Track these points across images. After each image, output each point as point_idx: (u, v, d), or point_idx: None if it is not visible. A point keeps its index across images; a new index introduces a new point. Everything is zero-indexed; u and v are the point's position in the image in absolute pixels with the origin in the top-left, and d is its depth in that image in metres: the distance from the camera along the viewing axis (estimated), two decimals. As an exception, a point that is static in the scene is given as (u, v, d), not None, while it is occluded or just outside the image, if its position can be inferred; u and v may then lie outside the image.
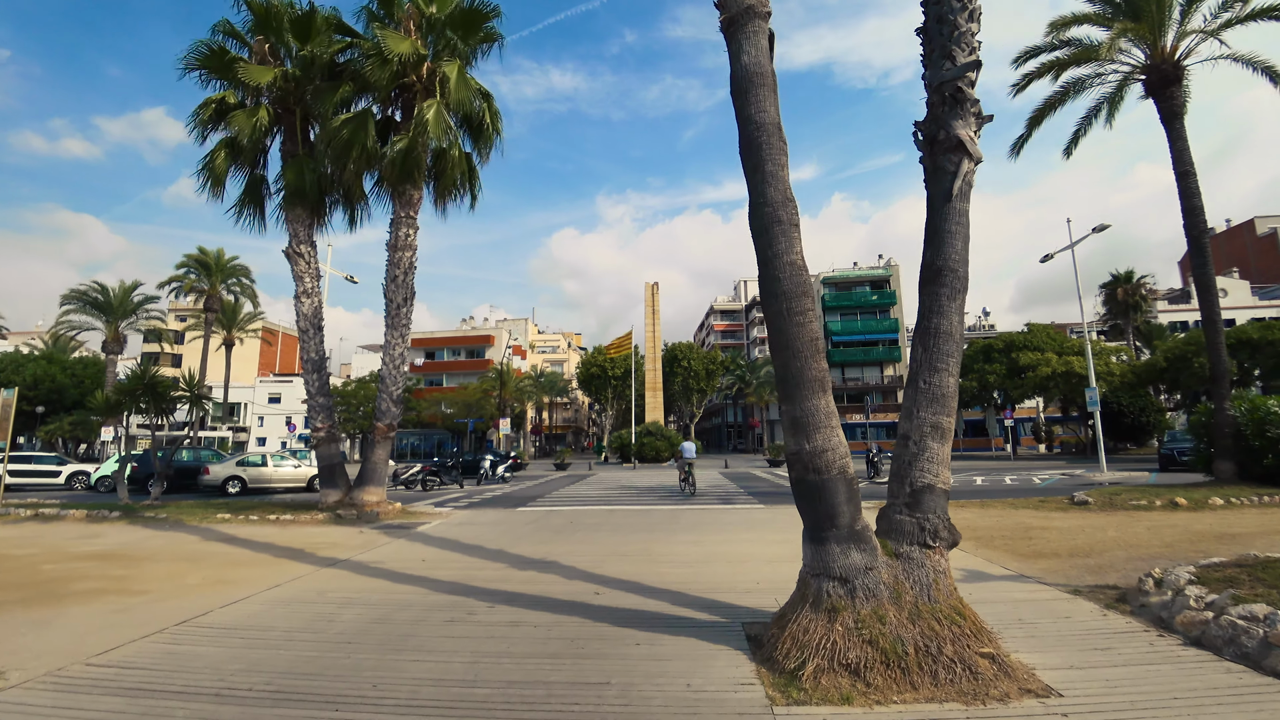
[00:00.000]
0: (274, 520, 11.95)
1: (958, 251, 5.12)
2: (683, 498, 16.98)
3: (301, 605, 6.07)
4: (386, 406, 12.98)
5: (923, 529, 4.66)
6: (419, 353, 71.80)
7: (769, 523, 11.08)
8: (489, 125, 13.99)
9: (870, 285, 65.12)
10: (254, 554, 8.84)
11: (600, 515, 12.45)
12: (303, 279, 13.40)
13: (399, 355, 13.09)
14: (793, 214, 4.84)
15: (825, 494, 4.50)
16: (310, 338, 13.31)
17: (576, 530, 10.52)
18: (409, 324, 13.34)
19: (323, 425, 13.07)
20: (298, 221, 13.57)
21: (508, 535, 10.13)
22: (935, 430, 4.84)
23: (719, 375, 61.51)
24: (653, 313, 47.09)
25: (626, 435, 43.04)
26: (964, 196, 5.30)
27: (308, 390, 13.21)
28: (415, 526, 11.18)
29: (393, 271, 13.20)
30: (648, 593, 6.30)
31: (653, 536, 9.71)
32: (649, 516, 12.20)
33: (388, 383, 13.01)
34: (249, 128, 12.73)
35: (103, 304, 43.93)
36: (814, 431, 4.53)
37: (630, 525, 10.97)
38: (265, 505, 13.75)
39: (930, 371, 4.93)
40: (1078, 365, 37.07)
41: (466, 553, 8.67)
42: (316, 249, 13.94)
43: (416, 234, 13.56)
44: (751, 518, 11.86)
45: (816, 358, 4.62)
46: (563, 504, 16.07)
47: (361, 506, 12.39)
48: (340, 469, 13.12)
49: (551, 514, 12.82)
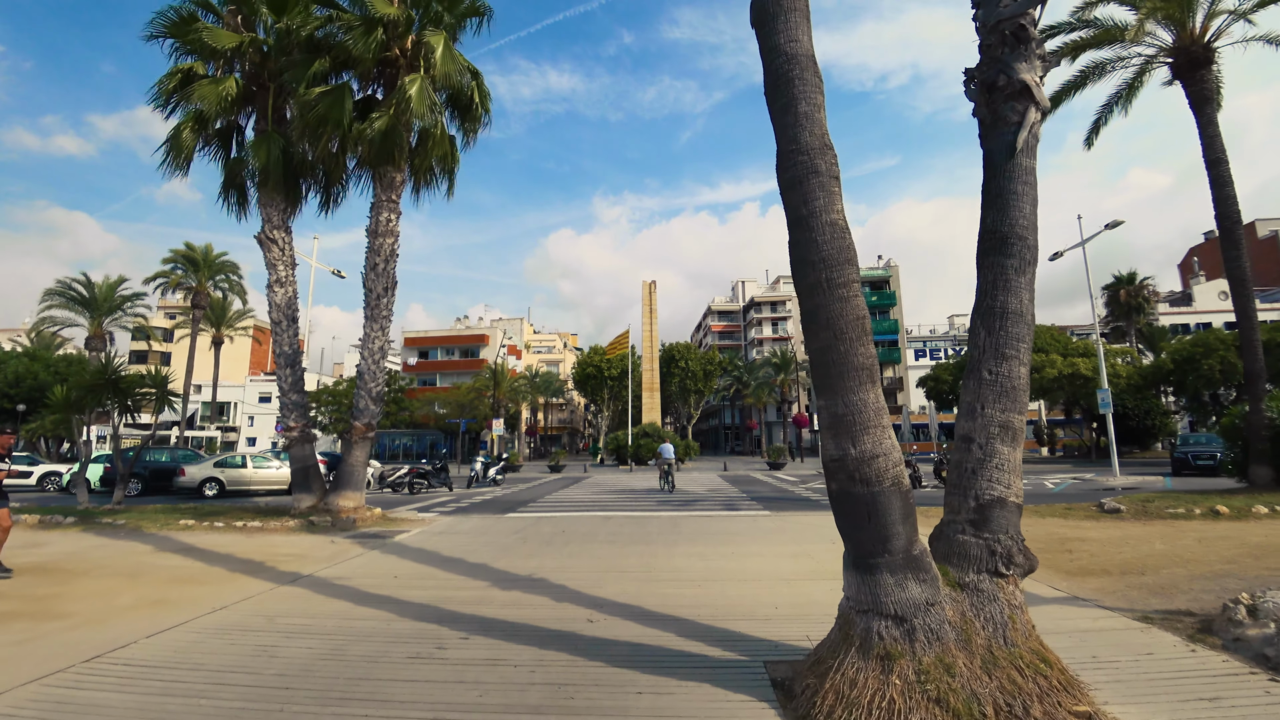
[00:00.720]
0: (240, 528, 11.00)
1: (1026, 215, 4.25)
2: (682, 502, 16.09)
3: (242, 635, 5.15)
4: (365, 404, 12.04)
5: (993, 553, 3.78)
6: (412, 352, 70.75)
7: (778, 532, 10.18)
8: (477, 104, 13.09)
9: (870, 286, 64.40)
10: (207, 567, 7.90)
11: (594, 523, 11.54)
12: (276, 267, 12.46)
13: (379, 349, 12.15)
14: (832, 164, 3.95)
15: (876, 510, 3.60)
16: (283, 330, 12.36)
17: (568, 540, 9.60)
18: (390, 315, 12.41)
19: (296, 424, 12.12)
20: (270, 205, 12.64)
21: (493, 546, 9.21)
22: (1005, 431, 3.96)
23: (716, 376, 60.67)
24: (650, 312, 46.17)
25: (623, 436, 42.14)
26: (1030, 151, 4.44)
27: (280, 386, 12.27)
28: (393, 535, 10.24)
29: (372, 259, 12.27)
30: (649, 620, 5.39)
31: (652, 548, 8.80)
32: (647, 524, 11.29)
33: (366, 379, 12.07)
34: (215, 99, 11.80)
35: (86, 299, 42.83)
36: (861, 432, 3.63)
37: (627, 534, 10.05)
38: (236, 510, 12.78)
39: (997, 359, 4.04)
40: (1083, 367, 36.35)
41: (445, 567, 7.74)
42: (291, 235, 13.02)
43: (399, 219, 12.64)
44: (758, 526, 10.95)
45: (863, 340, 3.73)
46: (555, 509, 15.13)
47: (337, 513, 11.44)
48: (315, 472, 12.17)
49: (542, 521, 11.89)
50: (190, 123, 12.11)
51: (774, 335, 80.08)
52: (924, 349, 63.84)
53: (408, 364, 69.79)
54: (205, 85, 11.84)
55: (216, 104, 11.96)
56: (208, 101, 11.86)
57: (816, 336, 3.77)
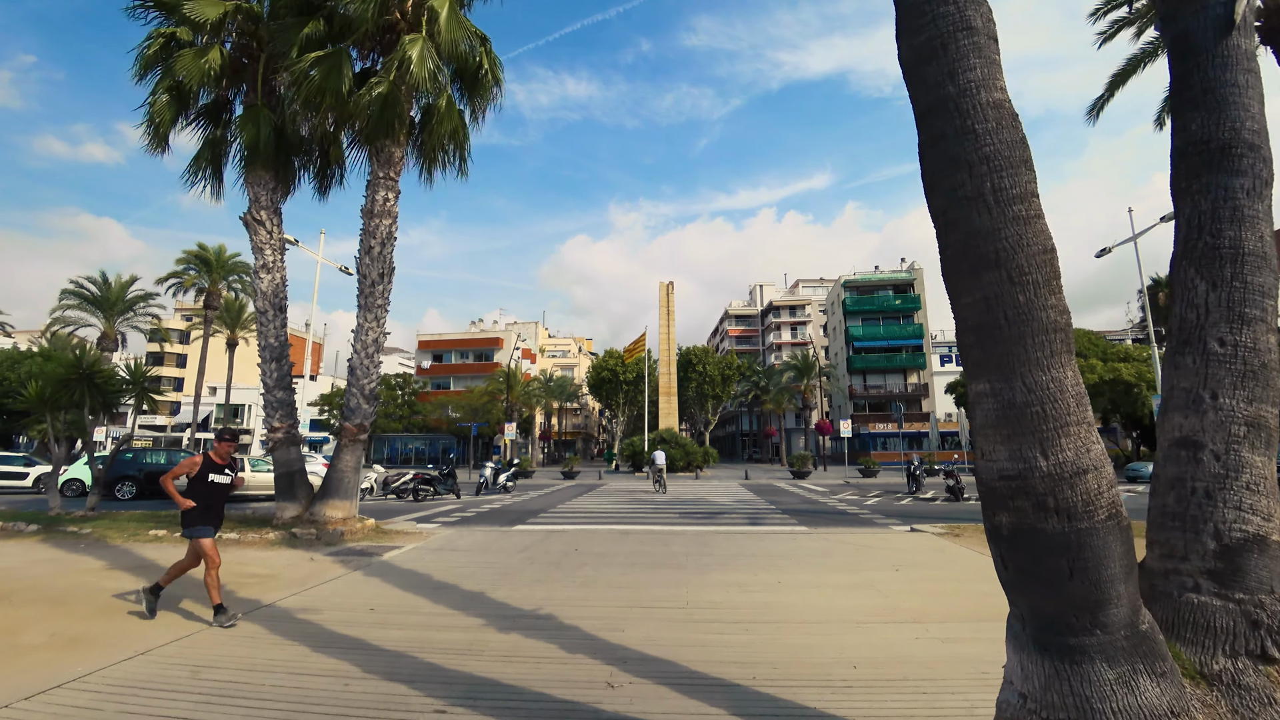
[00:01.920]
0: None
1: (1254, 116, 2.87)
2: (706, 515, 14.72)
3: (150, 699, 3.86)
4: (357, 403, 10.81)
5: (1255, 624, 2.38)
6: (426, 355, 70.04)
7: (825, 555, 8.74)
8: (486, 72, 11.87)
9: (893, 289, 62.58)
10: (155, 591, 6.65)
11: (611, 539, 10.18)
12: (262, 251, 11.31)
13: (372, 342, 10.92)
14: (989, 20, 2.58)
15: (1084, 558, 2.20)
16: (269, 320, 11.19)
17: (582, 562, 8.25)
18: (386, 305, 11.19)
19: (281, 425, 10.92)
20: (258, 184, 11.51)
21: (494, 567, 7.88)
22: (1255, 432, 2.57)
23: (735, 382, 59.07)
24: (667, 313, 44.80)
25: (639, 442, 40.74)
26: (1247, 30, 3.04)
27: (264, 383, 11.09)
28: (383, 552, 8.96)
29: (367, 242, 11.07)
30: (689, 685, 4.02)
31: (682, 574, 7.42)
32: (671, 542, 9.90)
33: (359, 375, 10.84)
34: (197, 71, 10.69)
35: (99, 299, 42.39)
36: (1057, 432, 2.24)
37: (649, 555, 8.67)
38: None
39: (1233, 323, 2.66)
40: (1125, 372, 34.44)
41: (434, 596, 6.42)
42: (280, 218, 11.86)
43: (397, 199, 11.44)
44: (799, 546, 9.52)
45: (1052, 285, 2.34)
46: (567, 521, 13.80)
47: (323, 524, 10.21)
48: (300, 478, 10.95)
49: (552, 536, 10.56)
50: (166, 92, 11.00)
51: (793, 340, 78.37)
52: (949, 354, 61.76)
53: (421, 367, 69.06)
54: (187, 55, 10.74)
55: (199, 76, 10.86)
56: (189, 73, 10.76)
57: (976, 280, 2.39)
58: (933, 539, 10.09)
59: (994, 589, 2.82)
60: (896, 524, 13.05)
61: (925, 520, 13.55)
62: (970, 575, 7.31)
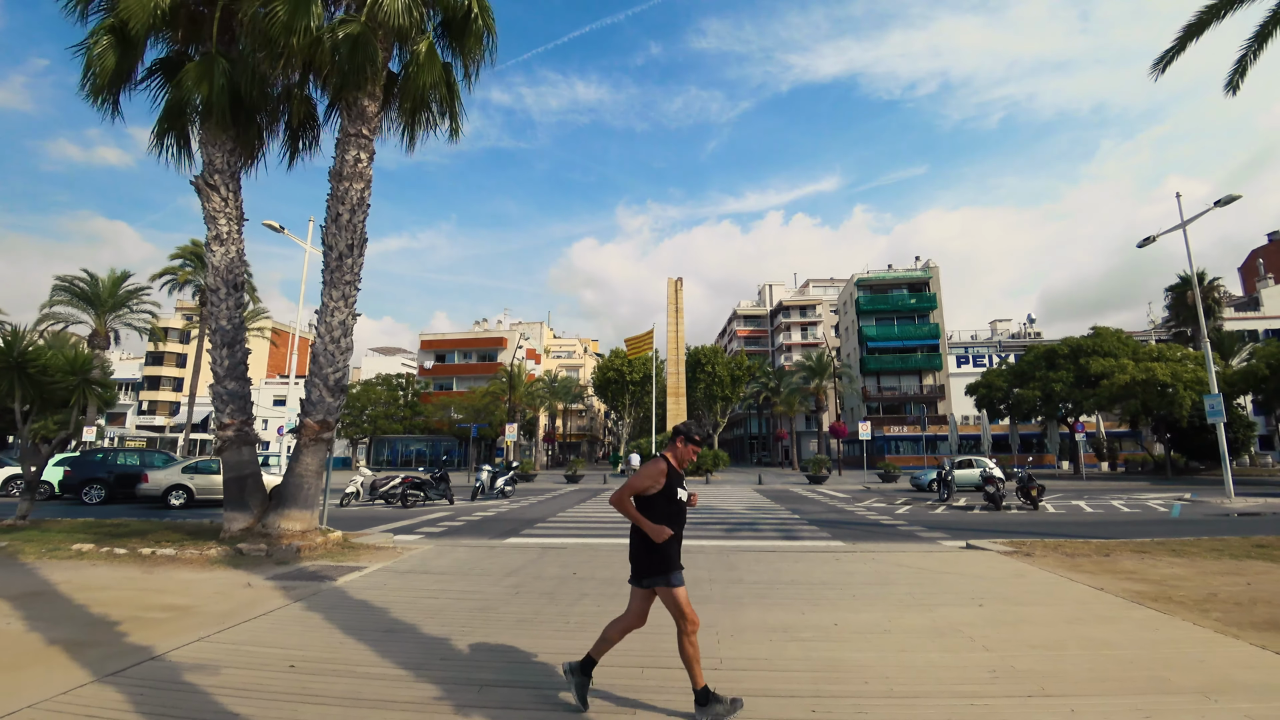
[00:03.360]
0: (148, 556, 8.24)
1: None
2: (727, 528, 13.11)
3: None
4: (319, 396, 9.22)
5: None
6: (429, 355, 68.63)
7: (881, 582, 7.09)
8: (476, 17, 10.28)
9: (908, 288, 60.72)
10: (25, 631, 5.10)
11: (618, 558, 8.55)
12: (216, 220, 9.77)
13: (339, 324, 9.33)
14: None
15: None
16: (221, 300, 9.64)
17: (582, 590, 6.63)
18: (356, 282, 9.61)
19: (232, 421, 9.35)
20: (213, 145, 9.98)
21: (471, 599, 6.27)
22: None
23: (745, 383, 57.32)
24: (676, 311, 43.12)
25: (645, 445, 39.09)
26: None
27: (214, 372, 9.54)
28: (340, 574, 7.38)
29: (334, 208, 9.51)
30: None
31: (709, 610, 5.80)
32: (690, 562, 8.17)
33: (322, 363, 9.26)
34: (141, 10, 9.18)
35: (90, 295, 41.13)
36: None
37: (666, 580, 7.04)
38: (162, 530, 10.07)
39: None
40: (1159, 372, 32.51)
41: (382, 645, 4.82)
42: (239, 185, 10.33)
43: (371, 160, 9.88)
44: (845, 570, 7.88)
45: None
46: (568, 532, 12.20)
47: (277, 538, 8.63)
48: (253, 483, 9.38)
49: (548, 553, 8.93)
50: (108, 34, 9.47)
51: (803, 341, 76.56)
52: (966, 355, 59.85)
53: (424, 367, 67.65)
54: (132, -8, 9.22)
55: (145, 17, 9.34)
56: (133, 12, 9.25)
57: None
58: (1002, 560, 8.42)
59: (1122, 636, 1.51)
60: (944, 538, 11.38)
61: (975, 533, 11.87)
62: (1080, 614, 5.66)
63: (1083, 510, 16.99)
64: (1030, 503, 17.07)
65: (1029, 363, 39.07)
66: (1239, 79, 13.80)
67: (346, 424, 55.69)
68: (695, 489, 17.56)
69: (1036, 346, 40.79)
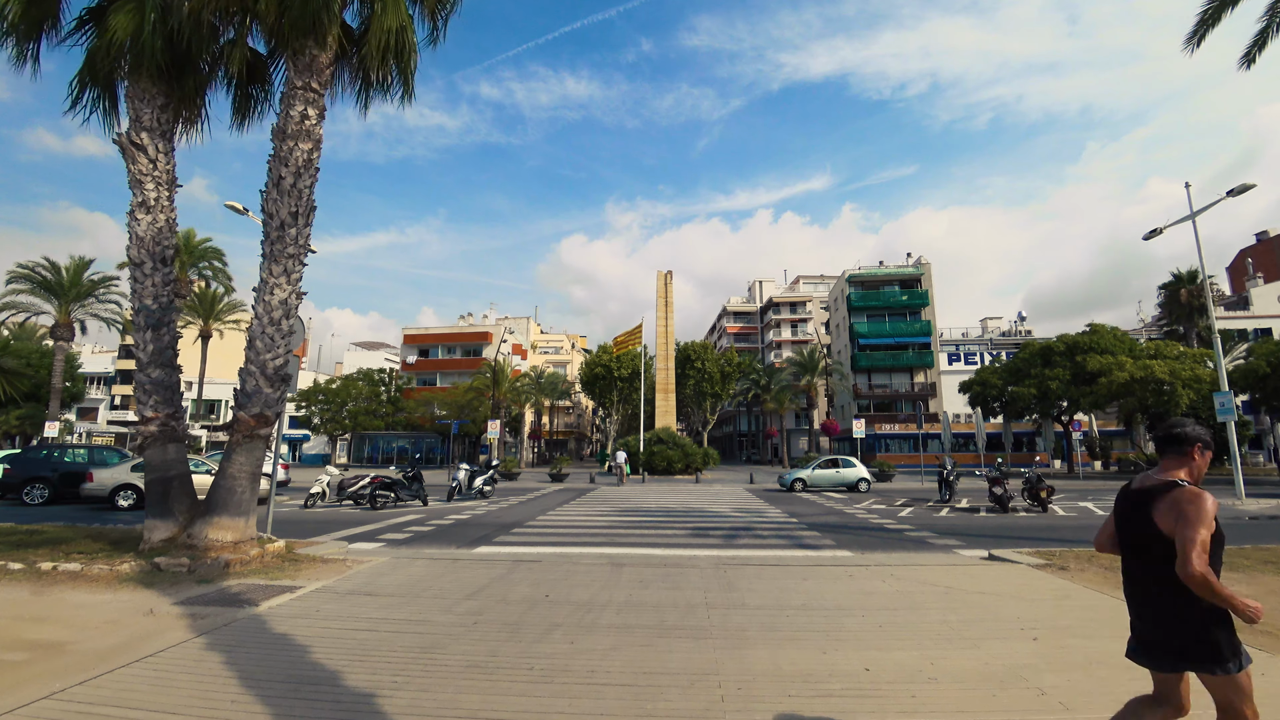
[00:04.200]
0: (47, 572, 7.01)
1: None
2: (723, 535, 12.07)
3: None
4: (255, 386, 8.01)
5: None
6: (412, 350, 67.03)
7: (909, 606, 6.03)
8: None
9: (900, 285, 60.02)
10: None
11: (600, 575, 7.43)
12: (142, 184, 8.52)
13: (279, 303, 8.12)
14: None
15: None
16: (146, 275, 8.39)
17: (553, 620, 5.51)
18: (301, 255, 8.39)
19: (156, 414, 8.11)
20: (141, 98, 8.72)
21: (415, 634, 5.13)
22: None
23: (735, 379, 56.33)
24: (666, 305, 42.00)
25: (634, 442, 37.97)
26: None
27: (137, 358, 8.29)
28: (266, 597, 6.20)
29: (277, 171, 8.29)
30: None
31: (708, 648, 4.70)
32: (683, 580, 7.17)
33: (259, 348, 8.04)
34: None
35: (52, 284, 39.32)
36: None
37: (655, 607, 5.94)
38: (77, 539, 8.83)
39: None
40: (1158, 370, 31.88)
41: (280, 710, 3.67)
42: (172, 147, 9.08)
43: (321, 119, 8.67)
44: (862, 589, 6.82)
45: None
46: (546, 539, 11.08)
47: (203, 550, 7.43)
48: (180, 487, 8.15)
49: (520, 567, 7.79)
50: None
51: (793, 338, 75.83)
52: (957, 353, 59.32)
53: (407, 362, 66.07)
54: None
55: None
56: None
57: None
58: (1036, 576, 7.41)
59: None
60: (958, 545, 10.38)
61: (989, 540, 10.89)
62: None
63: (1092, 512, 16.10)
64: (1039, 505, 16.17)
65: (1024, 360, 38.42)
66: (1256, 52, 12.98)
67: (326, 420, 54.04)
68: (686, 489, 16.40)
69: (1032, 343, 40.14)
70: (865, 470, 24.70)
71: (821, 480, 24.42)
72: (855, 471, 24.57)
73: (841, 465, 24.84)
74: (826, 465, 24.94)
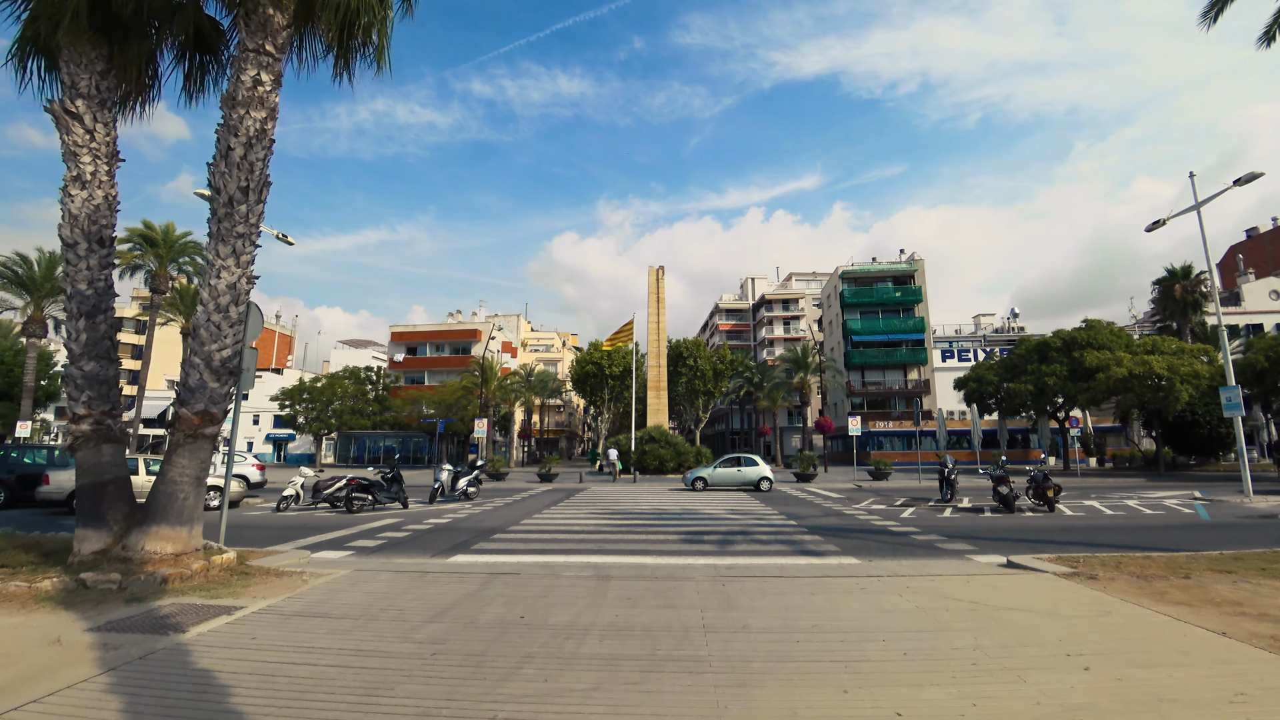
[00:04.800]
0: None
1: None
2: (718, 540, 11.36)
3: None
4: (199, 380, 7.19)
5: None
6: (400, 348, 65.98)
7: (934, 628, 5.31)
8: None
9: (893, 281, 59.60)
10: None
11: (584, 590, 6.67)
12: (78, 157, 7.68)
13: (226, 288, 7.30)
14: None
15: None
16: (80, 257, 7.54)
17: (526, 650, 4.76)
18: (252, 235, 7.58)
19: (89, 411, 7.28)
20: (76, 62, 7.87)
21: (362, 666, 4.35)
22: None
23: (728, 377, 55.67)
24: (657, 301, 41.24)
25: (625, 441, 37.24)
26: None
27: (69, 349, 7.45)
28: (198, 621, 5.41)
29: (225, 140, 7.46)
30: None
31: (705, 685, 3.96)
32: (676, 597, 6.43)
33: (204, 338, 7.22)
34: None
35: (23, 279, 38.05)
36: None
37: (645, 633, 5.19)
38: (4, 550, 7.97)
39: None
40: (1156, 365, 31.44)
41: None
42: (113, 117, 8.24)
43: (277, 87, 7.85)
44: (879, 606, 6.11)
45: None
46: (528, 547, 10.31)
47: (139, 563, 6.62)
48: (115, 493, 7.33)
49: (495, 582, 7.02)
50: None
51: (785, 335, 75.27)
52: (950, 350, 58.95)
53: (394, 360, 65.00)
54: None
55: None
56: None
57: None
58: (1066, 587, 6.72)
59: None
60: (970, 550, 9.70)
61: (1001, 544, 10.23)
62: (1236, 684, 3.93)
63: (1100, 512, 15.51)
64: (1045, 504, 15.56)
65: (1020, 356, 37.97)
66: (1277, 30, 12.45)
67: (311, 419, 52.89)
68: (678, 489, 15.59)
69: (1028, 339, 39.70)
70: (767, 469, 24.67)
71: (723, 479, 24.47)
72: (757, 470, 24.54)
73: (744, 464, 24.91)
74: (729, 464, 25.05)
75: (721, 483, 24.33)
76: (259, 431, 64.13)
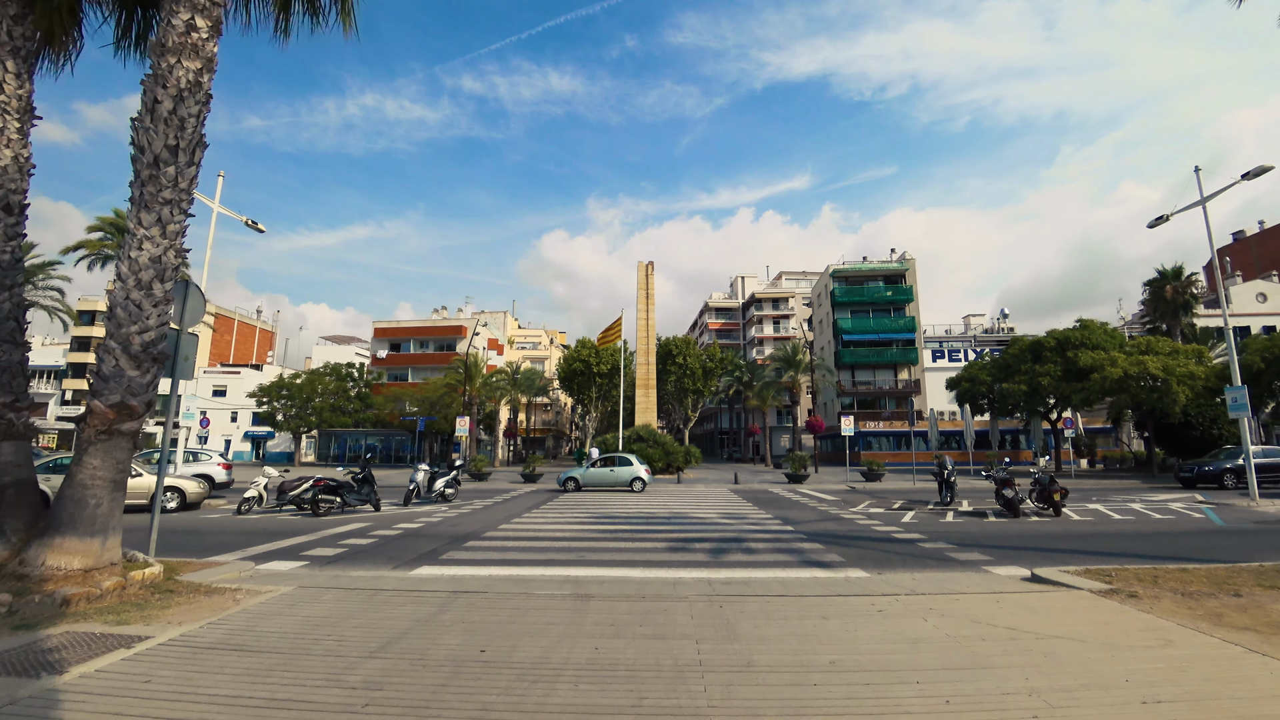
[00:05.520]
0: None
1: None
2: (712, 546, 10.51)
3: None
4: (115, 368, 6.20)
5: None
6: (383, 344, 64.57)
7: (976, 661, 4.48)
8: None
9: (884, 280, 59.11)
10: None
11: (559, 614, 5.77)
12: (-19, 112, 6.66)
13: (148, 262, 6.32)
14: None
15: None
16: (-17, 226, 6.53)
17: (484, 698, 3.86)
18: (183, 202, 6.60)
19: (-11, 403, 6.28)
20: (-16, 4, 6.86)
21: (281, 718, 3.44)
22: None
23: (718, 375, 54.89)
24: (646, 297, 40.37)
25: (612, 440, 36.33)
26: None
27: (-34, 331, 6.45)
28: (89, 656, 4.45)
29: (152, 92, 6.48)
30: None
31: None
32: (668, 625, 5.54)
33: (121, 319, 6.24)
34: None
35: (-14, 270, 36.39)
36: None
37: (629, 672, 4.31)
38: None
39: None
40: (1151, 365, 31.01)
41: None
42: (30, 72, 7.24)
43: (215, 36, 6.88)
44: (901, 632, 5.27)
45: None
46: (502, 556, 9.39)
47: (40, 580, 5.64)
48: (15, 497, 6.32)
49: (456, 600, 6.10)
50: None
51: (775, 334, 74.72)
52: (941, 349, 58.60)
53: (377, 357, 63.61)
54: None
55: None
56: None
57: None
58: (1107, 608, 5.92)
59: None
60: (988, 561, 8.90)
61: (1023, 554, 9.45)
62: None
63: (1107, 516, 14.83)
64: (1050, 508, 14.86)
65: (1014, 355, 37.49)
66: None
67: (290, 416, 51.43)
68: (668, 490, 14.58)
69: (1021, 339, 39.21)
70: (642, 470, 24.20)
71: (595, 479, 24.11)
72: (631, 470, 24.11)
73: (618, 464, 24.53)
74: (602, 464, 24.70)
75: (595, 483, 24.01)
76: (237, 429, 62.51)
